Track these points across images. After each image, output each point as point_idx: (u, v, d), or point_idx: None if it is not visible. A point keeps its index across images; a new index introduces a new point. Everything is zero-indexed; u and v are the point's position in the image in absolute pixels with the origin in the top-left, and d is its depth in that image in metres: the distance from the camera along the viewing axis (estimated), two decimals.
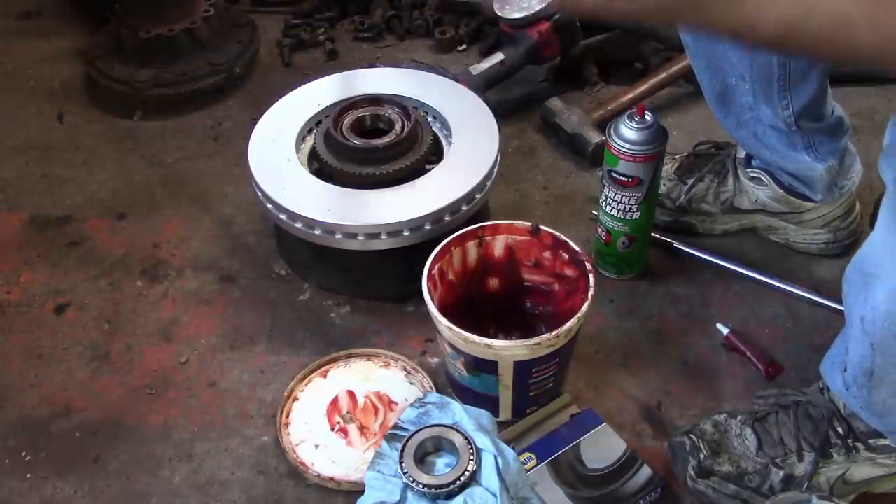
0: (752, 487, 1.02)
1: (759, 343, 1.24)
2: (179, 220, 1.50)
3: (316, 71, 1.74)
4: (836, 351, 0.98)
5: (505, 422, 1.13)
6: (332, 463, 1.11)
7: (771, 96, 1.17)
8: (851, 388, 0.94)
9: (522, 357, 1.04)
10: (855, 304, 0.89)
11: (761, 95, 1.18)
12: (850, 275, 0.90)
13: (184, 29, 1.73)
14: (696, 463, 1.04)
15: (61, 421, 1.20)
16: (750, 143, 1.28)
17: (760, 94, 1.18)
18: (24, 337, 1.31)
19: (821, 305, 1.28)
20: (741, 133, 1.27)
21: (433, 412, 0.88)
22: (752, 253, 1.37)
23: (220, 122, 1.71)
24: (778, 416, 1.05)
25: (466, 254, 1.16)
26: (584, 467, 1.06)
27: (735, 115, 1.24)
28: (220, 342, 1.29)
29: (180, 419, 1.19)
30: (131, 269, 1.41)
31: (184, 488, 1.11)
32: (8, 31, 2.00)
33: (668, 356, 1.24)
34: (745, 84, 1.18)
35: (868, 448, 1.01)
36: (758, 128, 1.23)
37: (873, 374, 0.88)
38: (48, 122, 1.73)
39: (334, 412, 1.17)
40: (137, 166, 1.62)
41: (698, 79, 1.26)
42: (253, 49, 1.83)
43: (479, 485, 0.82)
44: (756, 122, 1.22)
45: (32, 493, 1.12)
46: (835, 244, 1.35)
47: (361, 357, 1.24)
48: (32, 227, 1.50)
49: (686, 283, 1.34)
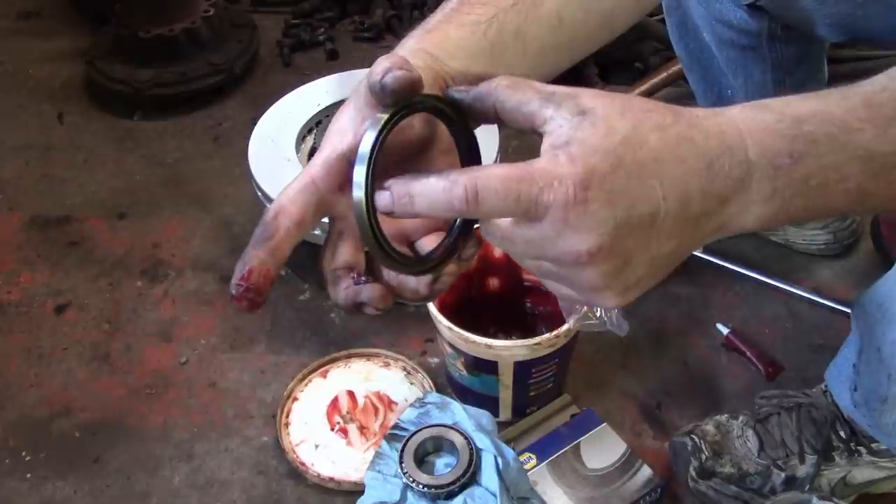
0: (753, 489, 1.02)
1: (760, 343, 1.24)
2: (179, 220, 1.50)
3: (316, 71, 1.74)
4: (843, 363, 0.96)
5: (505, 422, 1.13)
6: (332, 463, 1.11)
7: None
8: (861, 407, 0.92)
9: (522, 357, 1.04)
10: (871, 333, 0.87)
11: None
12: (866, 304, 0.88)
13: (184, 29, 1.73)
14: (698, 464, 1.03)
15: (61, 421, 1.20)
16: None
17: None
18: (24, 337, 1.31)
19: (821, 305, 1.28)
20: None
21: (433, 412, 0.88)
22: (752, 253, 1.37)
23: (220, 122, 1.71)
24: (780, 417, 1.04)
25: None
26: (584, 467, 1.06)
27: None
28: (220, 342, 1.29)
29: (180, 419, 1.19)
30: (131, 269, 1.41)
31: (184, 488, 1.11)
32: (8, 31, 2.00)
33: (668, 356, 1.24)
34: (740, 96, 1.18)
35: (870, 451, 1.00)
36: None
37: (887, 400, 0.87)
38: (48, 122, 1.73)
39: (334, 412, 1.17)
40: (137, 166, 1.62)
41: (693, 90, 1.26)
42: (253, 49, 1.82)
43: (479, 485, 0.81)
44: None
45: (32, 493, 1.12)
46: (835, 244, 1.34)
47: (361, 357, 1.24)
48: (32, 227, 1.50)
49: (686, 283, 1.33)
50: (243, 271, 0.52)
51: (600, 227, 0.47)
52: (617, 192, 0.46)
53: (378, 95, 0.50)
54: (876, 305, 0.85)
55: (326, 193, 0.54)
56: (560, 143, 0.47)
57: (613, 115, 0.48)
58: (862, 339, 0.89)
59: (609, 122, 0.47)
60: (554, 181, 0.46)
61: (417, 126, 0.55)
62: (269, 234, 0.53)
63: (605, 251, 0.47)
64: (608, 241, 0.47)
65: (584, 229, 0.47)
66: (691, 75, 1.24)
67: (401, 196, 0.48)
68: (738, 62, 1.13)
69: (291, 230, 0.53)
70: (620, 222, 0.47)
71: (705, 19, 1.11)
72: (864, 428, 0.97)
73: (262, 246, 0.52)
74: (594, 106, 0.48)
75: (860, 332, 0.90)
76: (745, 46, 1.11)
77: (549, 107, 0.48)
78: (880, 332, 0.84)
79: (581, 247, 0.47)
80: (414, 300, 0.57)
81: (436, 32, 0.59)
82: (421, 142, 0.56)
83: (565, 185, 0.46)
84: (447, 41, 0.59)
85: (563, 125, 0.47)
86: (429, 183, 0.48)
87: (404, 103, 0.50)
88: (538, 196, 0.46)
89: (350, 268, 0.56)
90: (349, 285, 0.55)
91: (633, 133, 0.47)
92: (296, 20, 1.95)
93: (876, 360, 0.86)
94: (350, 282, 0.55)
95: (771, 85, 1.14)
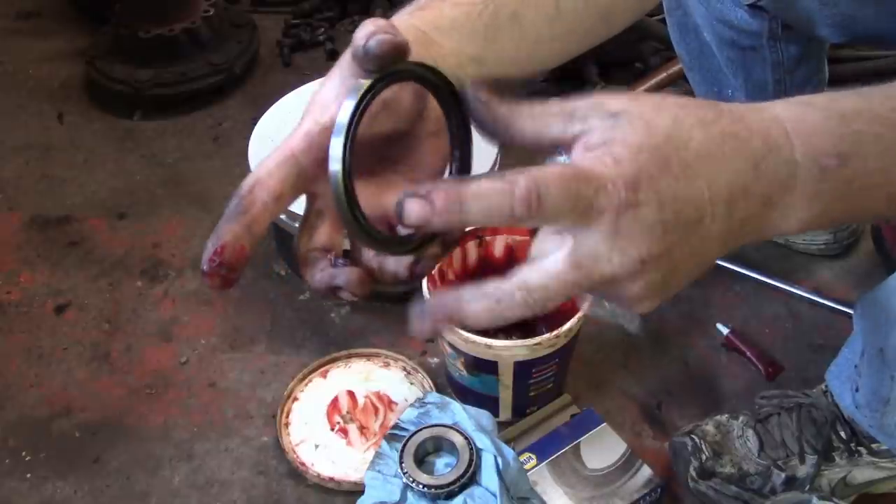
0: (753, 489, 1.02)
1: (760, 343, 1.24)
2: (179, 220, 1.50)
3: (316, 71, 1.74)
4: (845, 363, 0.96)
5: (505, 422, 1.13)
6: (332, 463, 1.11)
7: None
8: (863, 408, 0.92)
9: (522, 357, 1.04)
10: (873, 335, 0.87)
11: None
12: (869, 306, 0.87)
13: (184, 29, 1.73)
14: (699, 464, 1.03)
15: (61, 421, 1.20)
16: None
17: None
18: (24, 337, 1.31)
19: (821, 305, 1.28)
20: None
21: (433, 412, 0.88)
22: (752, 253, 1.37)
23: (220, 122, 1.71)
24: (780, 417, 1.04)
25: (466, 254, 1.16)
26: (584, 467, 1.06)
27: None
28: (220, 342, 1.29)
29: (180, 419, 1.19)
30: (131, 269, 1.41)
31: (184, 488, 1.11)
32: (8, 31, 2.00)
33: (668, 356, 1.24)
34: (741, 96, 1.18)
35: (870, 452, 1.00)
36: None
37: (889, 401, 0.87)
38: (48, 122, 1.73)
39: (334, 412, 1.17)
40: (137, 166, 1.62)
41: (694, 90, 1.26)
42: (253, 49, 1.82)
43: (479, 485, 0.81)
44: None
45: (32, 493, 1.12)
46: (835, 244, 1.34)
47: (361, 357, 1.24)
48: (32, 227, 1.50)
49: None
50: (216, 245, 0.49)
51: (651, 234, 0.43)
52: (666, 194, 0.43)
53: (361, 61, 0.47)
54: (879, 307, 0.85)
55: (307, 168, 0.51)
56: (596, 143, 0.44)
57: (648, 111, 0.44)
58: (864, 340, 0.89)
59: (646, 118, 0.44)
60: (608, 183, 0.42)
61: (406, 101, 0.51)
62: (245, 207, 0.49)
63: (654, 259, 0.44)
64: (657, 249, 0.43)
65: (636, 237, 0.43)
66: (692, 75, 1.24)
67: (450, 202, 0.42)
68: (738, 62, 1.13)
69: (269, 204, 0.50)
70: (669, 227, 0.43)
71: (706, 19, 1.11)
72: (866, 429, 0.97)
73: (237, 220, 0.49)
74: (625, 107, 0.44)
75: (862, 333, 0.90)
76: (745, 46, 1.11)
77: (574, 123, 0.45)
78: (883, 334, 0.84)
79: (633, 256, 0.43)
80: (393, 284, 0.54)
81: (429, 10, 0.57)
82: (409, 118, 0.52)
83: (616, 187, 0.42)
84: (441, 19, 0.56)
85: (595, 131, 0.44)
86: (483, 186, 0.42)
87: (389, 70, 0.46)
88: (594, 198, 0.42)
89: (327, 250, 0.52)
90: (325, 267, 0.52)
91: (675, 129, 0.44)
92: (296, 20, 1.95)
93: (878, 361, 0.86)
94: (326, 264, 0.52)
95: (771, 85, 1.14)
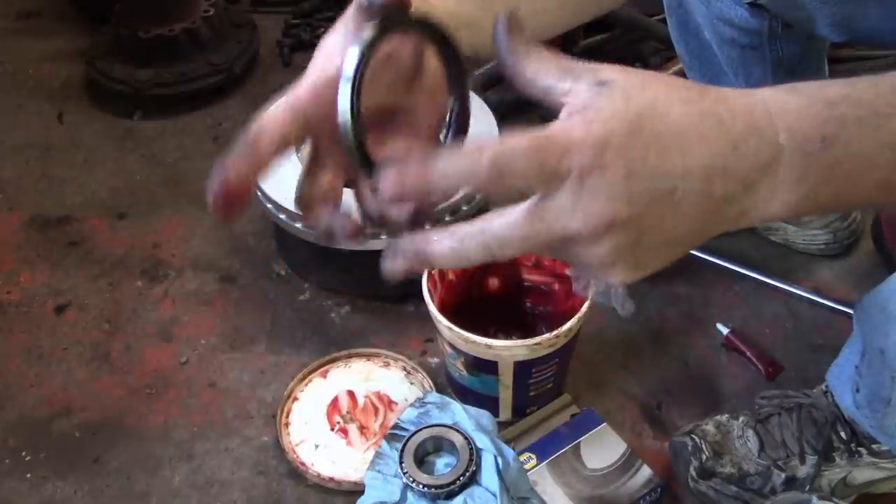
0: (753, 489, 1.02)
1: (760, 343, 1.24)
2: (179, 220, 1.50)
3: None
4: (845, 364, 0.96)
5: (505, 422, 1.13)
6: (332, 463, 1.11)
7: None
8: (864, 409, 0.92)
9: (522, 357, 1.04)
10: (873, 335, 0.86)
11: None
12: (869, 306, 0.87)
13: (184, 29, 1.73)
14: (699, 464, 1.03)
15: (61, 421, 1.20)
16: None
17: None
18: (24, 337, 1.31)
19: (821, 305, 1.28)
20: None
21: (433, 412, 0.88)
22: (752, 253, 1.37)
23: (220, 122, 1.71)
24: (780, 417, 1.04)
25: None
26: (584, 467, 1.06)
27: None
28: (220, 342, 1.29)
29: (180, 419, 1.19)
30: (131, 269, 1.41)
31: (184, 488, 1.11)
32: (8, 31, 2.00)
33: (668, 356, 1.24)
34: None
35: (871, 452, 1.00)
36: None
37: (890, 402, 0.87)
38: (48, 122, 1.73)
39: (334, 412, 1.16)
40: (137, 166, 1.62)
41: None
42: (253, 49, 1.82)
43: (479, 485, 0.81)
44: None
45: (32, 493, 1.12)
46: (835, 244, 1.34)
47: (361, 357, 1.24)
48: (32, 227, 1.50)
49: (686, 283, 1.33)
50: (221, 178, 0.50)
51: (616, 197, 0.44)
52: (634, 160, 0.44)
53: (366, 12, 0.49)
54: (879, 307, 0.85)
55: (311, 115, 0.53)
56: (576, 108, 0.45)
57: (634, 86, 0.46)
58: (864, 340, 0.89)
59: (629, 91, 0.45)
60: (574, 146, 0.43)
61: (406, 55, 0.53)
62: (250, 147, 0.51)
63: (619, 223, 0.44)
64: (624, 212, 0.44)
65: (601, 197, 0.44)
66: (692, 74, 1.24)
67: (418, 181, 0.44)
68: (738, 61, 1.13)
69: (275, 144, 0.51)
70: (636, 193, 0.44)
71: (706, 18, 1.11)
72: (866, 429, 0.97)
73: (243, 157, 0.51)
74: (615, 78, 0.46)
75: (863, 333, 0.90)
76: (745, 45, 1.11)
77: (567, 80, 0.46)
78: (883, 335, 0.84)
79: (596, 215, 0.44)
80: (395, 232, 0.54)
81: None
82: (408, 73, 0.54)
83: (581, 150, 0.43)
84: None
85: (580, 95, 0.46)
86: (448, 162, 0.44)
87: (393, 19, 0.48)
88: (558, 163, 0.43)
89: (328, 197, 0.55)
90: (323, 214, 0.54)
91: (654, 103, 0.45)
92: (296, 20, 1.95)
93: (879, 362, 0.85)
94: (326, 210, 0.54)
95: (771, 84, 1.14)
